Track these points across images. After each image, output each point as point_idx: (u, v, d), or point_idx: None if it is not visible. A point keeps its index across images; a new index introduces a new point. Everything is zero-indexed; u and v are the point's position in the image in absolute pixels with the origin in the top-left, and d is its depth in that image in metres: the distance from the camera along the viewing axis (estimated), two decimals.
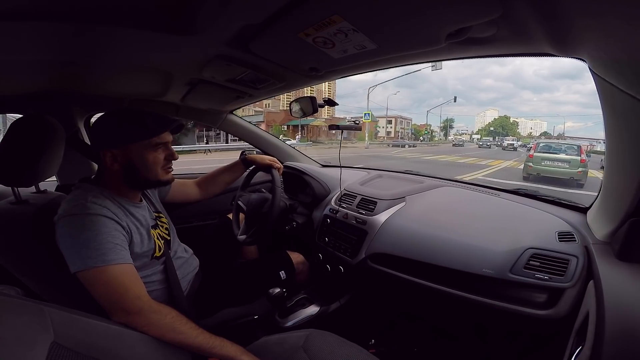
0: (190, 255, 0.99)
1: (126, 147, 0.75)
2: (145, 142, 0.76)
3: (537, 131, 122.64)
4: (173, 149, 0.83)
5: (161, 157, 0.80)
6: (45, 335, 0.42)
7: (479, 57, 0.70)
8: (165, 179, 0.83)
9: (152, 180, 0.80)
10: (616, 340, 0.48)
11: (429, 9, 0.50)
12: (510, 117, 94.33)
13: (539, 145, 7.96)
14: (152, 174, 0.79)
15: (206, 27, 0.61)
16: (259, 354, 0.69)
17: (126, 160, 0.75)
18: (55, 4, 0.51)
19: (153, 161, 0.78)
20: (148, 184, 0.83)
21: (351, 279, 1.16)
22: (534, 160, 7.50)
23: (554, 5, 0.41)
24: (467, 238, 0.90)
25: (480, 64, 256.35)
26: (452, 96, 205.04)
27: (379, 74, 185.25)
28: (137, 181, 0.79)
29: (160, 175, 0.81)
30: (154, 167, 0.79)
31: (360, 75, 1.12)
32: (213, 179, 1.20)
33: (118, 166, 0.75)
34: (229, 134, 1.69)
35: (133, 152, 0.75)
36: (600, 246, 0.74)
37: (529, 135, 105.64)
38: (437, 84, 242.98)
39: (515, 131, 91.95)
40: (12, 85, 0.98)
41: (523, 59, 23.30)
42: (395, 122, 55.52)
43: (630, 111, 0.48)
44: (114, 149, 0.74)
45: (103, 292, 0.64)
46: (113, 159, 0.74)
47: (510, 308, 0.79)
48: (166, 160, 0.81)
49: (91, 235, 0.65)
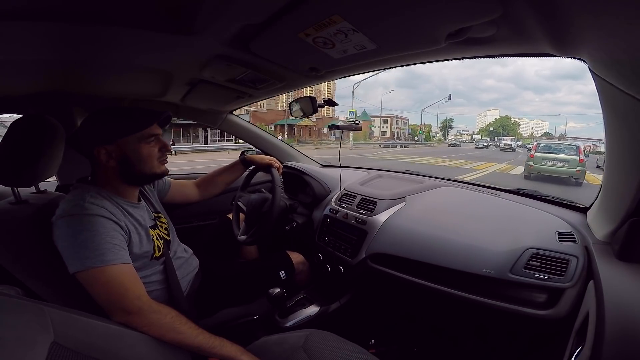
0: (190, 256, 0.99)
1: (120, 141, 0.75)
2: (137, 135, 0.76)
3: (538, 131, 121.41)
4: (165, 141, 0.84)
5: (155, 149, 0.80)
6: (45, 335, 0.42)
7: (479, 57, 0.70)
8: (160, 172, 0.83)
9: (148, 173, 0.80)
10: (616, 340, 0.48)
11: (429, 10, 0.50)
12: (511, 118, 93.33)
13: (539, 145, 8.33)
14: (148, 167, 0.79)
15: (206, 27, 0.61)
16: (259, 354, 0.69)
17: (121, 155, 0.75)
18: (55, 4, 0.51)
19: (147, 154, 0.78)
20: (144, 178, 0.83)
21: (351, 279, 1.16)
22: (535, 160, 7.90)
23: (554, 5, 0.41)
24: (467, 238, 0.90)
25: (482, 64, 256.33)
26: (454, 96, 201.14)
27: (380, 74, 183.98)
28: (133, 176, 0.79)
29: (156, 168, 0.81)
30: (149, 159, 0.79)
31: (360, 76, 1.11)
32: (212, 179, 1.20)
33: (114, 162, 0.75)
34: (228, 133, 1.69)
35: (127, 146, 0.76)
36: (600, 246, 0.74)
37: (530, 135, 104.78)
38: (439, 84, 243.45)
39: (516, 131, 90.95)
40: (12, 85, 0.98)
41: (525, 60, 23.40)
42: (391, 121, 54.95)
43: (631, 111, 0.48)
44: (108, 145, 0.74)
45: (102, 292, 0.64)
46: (108, 156, 0.74)
47: (510, 308, 0.79)
48: (160, 152, 0.82)
49: (89, 236, 0.65)
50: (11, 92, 1.05)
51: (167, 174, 0.88)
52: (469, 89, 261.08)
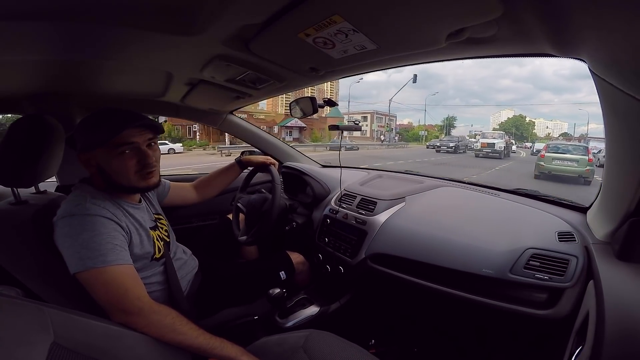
0: (189, 256, 0.99)
1: (92, 152, 0.71)
2: (105, 147, 0.70)
3: (556, 132, 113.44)
4: (146, 152, 0.74)
5: (130, 162, 0.72)
6: (45, 336, 0.42)
7: (479, 57, 0.70)
8: (142, 186, 0.76)
9: (127, 186, 0.74)
10: (616, 340, 0.48)
11: (429, 10, 0.50)
12: (526, 117, 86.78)
13: (550, 146, 9.00)
14: (125, 180, 0.73)
15: (206, 27, 0.61)
16: (259, 355, 0.69)
17: (96, 165, 0.73)
18: (55, 4, 0.51)
19: (120, 167, 0.71)
20: (124, 190, 0.76)
21: (351, 279, 1.16)
22: (545, 160, 8.49)
23: (554, 6, 0.41)
24: (467, 238, 0.90)
25: (498, 64, 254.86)
26: (470, 97, 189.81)
27: (393, 74, 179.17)
28: (114, 186, 0.74)
29: (135, 182, 0.74)
30: (124, 173, 0.72)
31: (374, 76, 1.10)
32: (210, 181, 1.21)
33: (94, 169, 0.73)
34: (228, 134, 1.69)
35: (99, 158, 0.71)
36: (600, 246, 0.74)
37: (548, 136, 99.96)
38: (453, 84, 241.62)
39: (532, 132, 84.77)
40: (12, 85, 0.98)
41: (542, 59, 22.96)
42: (371, 118, 44.47)
43: (631, 111, 0.48)
44: (84, 153, 0.72)
45: (103, 292, 0.64)
46: (87, 163, 0.73)
47: (510, 308, 0.79)
48: (139, 164, 0.73)
49: (90, 236, 0.65)
50: (11, 92, 1.05)
51: (157, 186, 0.80)
52: (485, 89, 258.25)
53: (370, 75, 24.02)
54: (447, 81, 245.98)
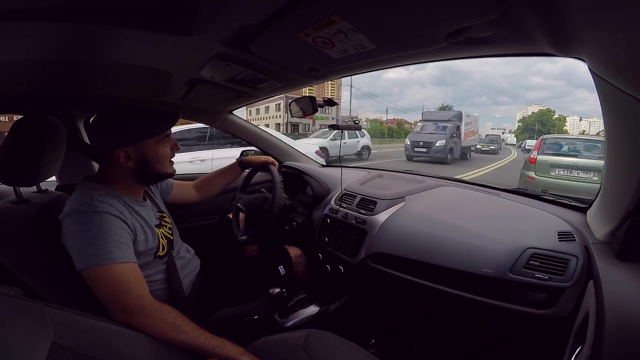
0: (193, 256, 0.99)
1: (139, 143, 0.77)
2: (156, 137, 0.80)
3: (592, 131, 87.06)
4: (175, 140, 0.87)
5: (168, 149, 0.84)
6: (46, 335, 0.42)
7: (479, 57, 0.70)
8: (170, 172, 0.87)
9: (162, 173, 0.84)
10: (616, 340, 0.48)
11: (429, 9, 0.50)
12: (555, 112, 70.46)
13: (546, 142, 4.77)
14: (163, 167, 0.83)
15: (205, 27, 0.61)
16: (259, 354, 0.69)
17: (140, 156, 0.78)
18: (55, 3, 0.51)
19: (164, 154, 0.82)
20: (157, 178, 0.86)
21: (351, 279, 1.16)
22: (538, 168, 4.47)
23: (553, 5, 0.41)
24: (467, 238, 0.90)
25: (528, 61, 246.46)
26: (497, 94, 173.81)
27: (414, 71, 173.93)
28: (148, 175, 0.82)
29: (168, 168, 0.85)
30: (165, 160, 0.83)
31: (394, 73, 1.07)
32: (210, 181, 1.22)
33: (132, 163, 0.77)
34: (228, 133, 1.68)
35: (146, 148, 0.78)
36: (600, 246, 0.74)
37: (582, 133, 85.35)
38: (480, 81, 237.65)
39: (562, 128, 66.91)
40: (12, 85, 0.98)
41: None
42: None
43: (630, 111, 0.48)
44: (127, 147, 0.75)
45: (106, 290, 0.64)
46: (127, 158, 0.76)
47: (510, 308, 0.79)
48: (172, 151, 0.85)
49: (98, 233, 0.65)
50: (11, 92, 1.05)
51: (173, 175, 0.90)
52: (514, 86, 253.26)
53: (390, 72, 22.54)
54: (473, 78, 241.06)
